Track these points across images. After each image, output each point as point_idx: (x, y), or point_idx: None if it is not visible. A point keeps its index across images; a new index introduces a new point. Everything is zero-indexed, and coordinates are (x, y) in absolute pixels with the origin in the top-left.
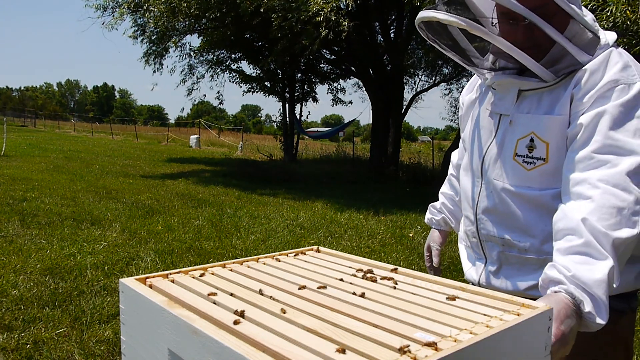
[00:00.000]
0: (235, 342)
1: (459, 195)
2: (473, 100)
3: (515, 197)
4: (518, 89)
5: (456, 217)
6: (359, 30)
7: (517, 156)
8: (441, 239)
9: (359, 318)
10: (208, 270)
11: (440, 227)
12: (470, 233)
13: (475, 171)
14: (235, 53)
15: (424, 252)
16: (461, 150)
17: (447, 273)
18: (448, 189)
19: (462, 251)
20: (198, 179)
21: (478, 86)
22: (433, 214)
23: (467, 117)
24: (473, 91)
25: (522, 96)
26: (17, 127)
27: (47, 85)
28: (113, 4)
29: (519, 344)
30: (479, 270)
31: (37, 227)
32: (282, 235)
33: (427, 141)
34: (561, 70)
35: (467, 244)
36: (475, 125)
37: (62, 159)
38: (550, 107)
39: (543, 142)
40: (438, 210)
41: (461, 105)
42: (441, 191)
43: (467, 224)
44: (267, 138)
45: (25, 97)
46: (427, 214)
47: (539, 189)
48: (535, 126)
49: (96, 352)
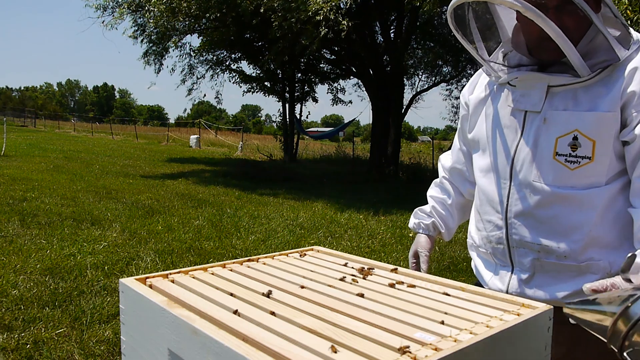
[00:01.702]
0: (235, 342)
1: (451, 199)
2: (482, 98)
3: (557, 198)
4: (547, 85)
5: (446, 223)
6: (359, 30)
7: (558, 155)
8: (430, 244)
9: (359, 318)
10: (208, 270)
11: (428, 232)
12: (495, 239)
13: (501, 172)
14: (235, 53)
15: (409, 259)
16: (456, 152)
17: (447, 273)
18: (439, 193)
19: (477, 259)
20: (198, 179)
21: (486, 84)
22: (421, 218)
23: (477, 117)
24: (479, 90)
25: (551, 92)
26: (17, 127)
27: (47, 85)
28: (113, 4)
29: (519, 344)
30: (504, 278)
31: (37, 227)
32: (282, 235)
33: (427, 141)
34: (597, 64)
35: (485, 250)
36: (494, 125)
37: (62, 159)
38: (592, 104)
39: (589, 140)
40: (427, 215)
41: (464, 106)
42: (430, 194)
43: (489, 229)
44: (267, 138)
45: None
46: (412, 219)
47: (583, 188)
48: (578, 124)
49: (96, 352)
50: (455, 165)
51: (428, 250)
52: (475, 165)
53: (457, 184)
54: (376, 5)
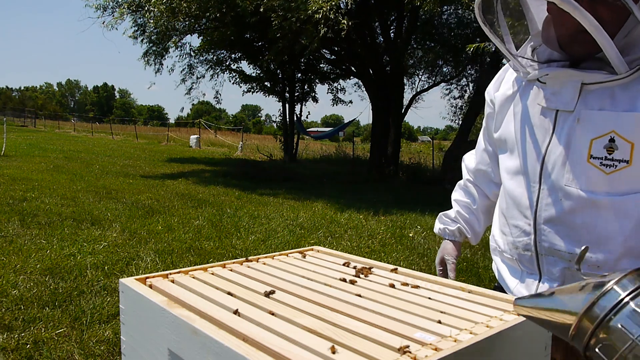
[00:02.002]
0: (235, 342)
1: (476, 202)
2: (510, 95)
3: (590, 204)
4: (581, 83)
5: (472, 227)
6: (359, 30)
7: (592, 158)
8: (456, 251)
9: (359, 318)
10: (208, 270)
11: (454, 238)
12: (522, 245)
13: (530, 175)
14: (235, 53)
15: (436, 267)
16: (481, 153)
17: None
18: (463, 196)
19: (500, 264)
20: (198, 179)
21: (513, 81)
22: (446, 223)
23: (504, 116)
24: (506, 86)
25: (584, 90)
26: (17, 127)
27: (47, 85)
28: (113, 4)
29: (519, 344)
30: (531, 287)
31: (37, 227)
32: (282, 235)
33: (427, 141)
34: (636, 60)
35: (510, 256)
36: (523, 124)
37: (62, 159)
38: (631, 103)
39: (627, 142)
40: (452, 220)
41: (489, 103)
42: (454, 198)
43: (516, 235)
44: (267, 138)
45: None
46: (437, 224)
47: (620, 194)
48: (616, 125)
49: (96, 352)
50: (479, 166)
51: (455, 258)
52: (502, 166)
53: (482, 186)
54: (376, 5)
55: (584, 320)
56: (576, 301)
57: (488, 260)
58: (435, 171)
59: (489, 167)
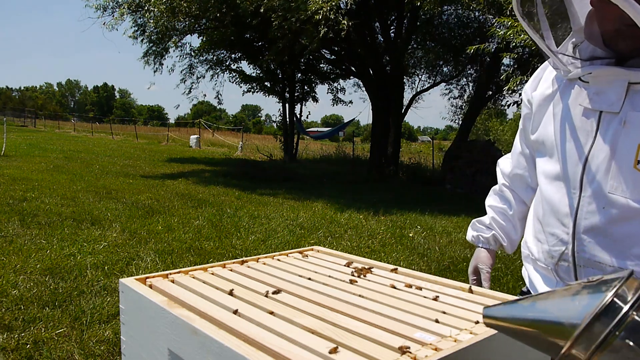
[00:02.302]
0: (235, 342)
1: (512, 208)
2: (548, 95)
3: (636, 214)
4: (627, 82)
5: (508, 235)
6: (359, 30)
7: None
8: (491, 259)
9: (359, 318)
10: (208, 270)
11: (489, 246)
12: (558, 255)
13: (571, 181)
14: (235, 53)
15: (469, 276)
16: (517, 156)
17: (447, 273)
18: (498, 202)
19: (532, 272)
20: (198, 179)
21: (553, 79)
22: (480, 231)
23: (542, 117)
24: (544, 85)
25: (631, 90)
26: (17, 127)
27: (47, 85)
28: (113, 4)
29: (518, 344)
30: None
31: (37, 227)
32: (282, 235)
33: (427, 141)
34: None
35: (545, 265)
36: (563, 126)
37: (62, 159)
38: None
39: None
40: (487, 227)
41: (526, 104)
42: (489, 204)
43: (552, 243)
44: (267, 138)
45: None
46: (470, 231)
47: None
48: None
49: (96, 352)
50: (515, 170)
51: (489, 266)
52: (539, 170)
53: (518, 191)
54: (376, 5)
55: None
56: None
57: None
58: (435, 171)
59: (526, 171)
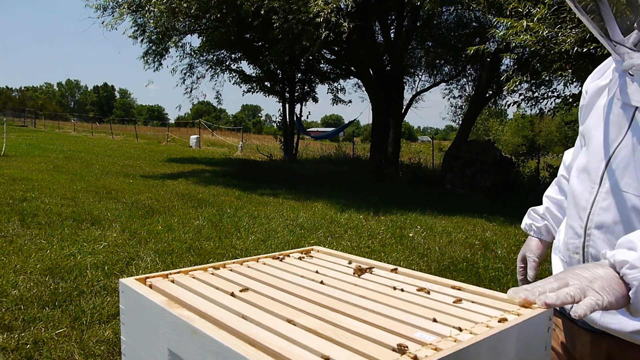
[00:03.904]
0: (235, 342)
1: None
2: (601, 87)
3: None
4: None
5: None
6: (359, 31)
7: None
8: (540, 249)
9: (359, 318)
10: (208, 270)
11: (540, 236)
12: (573, 247)
13: (593, 174)
14: (235, 53)
15: (517, 263)
16: (577, 148)
17: (447, 273)
18: (556, 193)
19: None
20: (198, 179)
21: (611, 70)
22: (534, 219)
23: (591, 107)
24: (602, 77)
25: None
26: (17, 127)
27: (47, 85)
28: (113, 4)
29: (519, 344)
30: None
31: (37, 227)
32: (282, 235)
33: (427, 141)
34: None
35: (563, 257)
36: (602, 118)
37: (62, 159)
38: None
39: None
40: (541, 216)
41: (584, 94)
42: (546, 194)
43: (569, 235)
44: (267, 138)
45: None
46: (525, 219)
47: None
48: None
49: (96, 352)
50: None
51: (538, 256)
52: (575, 161)
53: None
54: (376, 5)
55: None
56: None
57: (488, 260)
58: (435, 171)
59: None
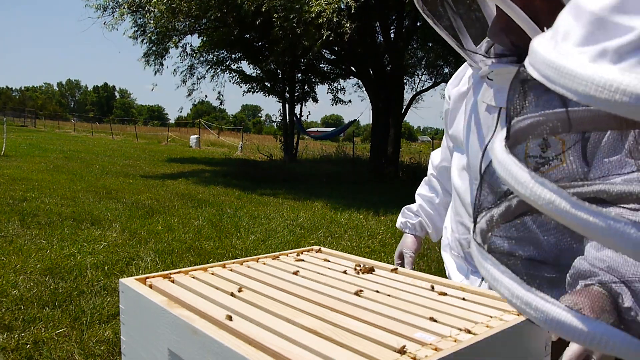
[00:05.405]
0: (235, 342)
1: (439, 197)
2: (463, 92)
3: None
4: None
5: (434, 222)
6: (360, 31)
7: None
8: (416, 245)
9: (359, 318)
10: (208, 270)
11: (415, 232)
12: (466, 243)
13: (473, 172)
14: (236, 53)
15: (395, 260)
16: (444, 149)
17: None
18: (427, 191)
19: (449, 260)
20: (198, 179)
21: (469, 77)
22: (408, 217)
23: (457, 112)
24: (461, 83)
25: None
26: (17, 127)
27: (47, 85)
28: (113, 4)
29: (519, 344)
30: (475, 284)
31: (37, 227)
32: (282, 235)
33: (427, 141)
34: None
35: (457, 253)
36: (470, 121)
37: (62, 159)
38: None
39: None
40: (414, 214)
41: (447, 99)
42: (419, 193)
43: (461, 232)
44: (267, 138)
45: (25, 97)
46: (400, 217)
47: None
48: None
49: (96, 352)
50: (442, 163)
51: (414, 252)
52: (452, 163)
53: (444, 182)
54: (377, 5)
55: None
56: None
57: None
58: None
59: (450, 163)
